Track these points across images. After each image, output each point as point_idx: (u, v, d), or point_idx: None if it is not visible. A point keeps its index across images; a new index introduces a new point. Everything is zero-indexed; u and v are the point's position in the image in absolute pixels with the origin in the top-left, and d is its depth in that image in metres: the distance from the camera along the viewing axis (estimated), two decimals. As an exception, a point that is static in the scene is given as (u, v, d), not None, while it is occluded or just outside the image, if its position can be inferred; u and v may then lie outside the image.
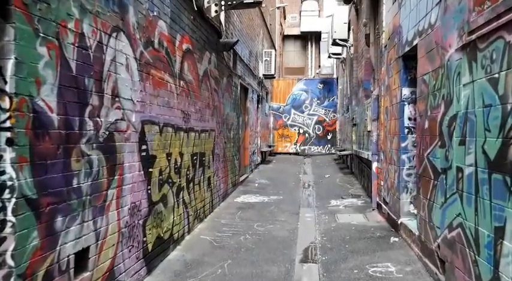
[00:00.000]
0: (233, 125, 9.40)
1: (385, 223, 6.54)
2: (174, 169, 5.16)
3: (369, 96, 9.55)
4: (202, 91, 6.54)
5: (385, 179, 6.86)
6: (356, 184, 10.59)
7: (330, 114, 20.06)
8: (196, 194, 6.20)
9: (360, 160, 10.25)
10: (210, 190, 7.14)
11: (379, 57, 7.50)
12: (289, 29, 24.36)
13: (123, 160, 3.64)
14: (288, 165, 15.70)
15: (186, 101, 5.68)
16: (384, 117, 7.02)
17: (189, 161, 5.85)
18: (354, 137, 11.57)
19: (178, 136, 5.31)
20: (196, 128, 6.22)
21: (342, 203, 8.35)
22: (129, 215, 3.77)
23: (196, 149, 6.20)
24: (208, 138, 7.01)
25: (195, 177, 6.17)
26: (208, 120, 6.99)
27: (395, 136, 6.10)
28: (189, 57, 5.80)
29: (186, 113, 5.65)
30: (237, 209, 7.68)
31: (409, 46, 5.33)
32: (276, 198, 8.89)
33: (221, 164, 8.07)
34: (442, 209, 3.96)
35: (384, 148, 7.02)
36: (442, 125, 3.97)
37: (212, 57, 7.24)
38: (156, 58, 4.49)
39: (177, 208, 5.27)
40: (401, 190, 5.81)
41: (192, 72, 5.99)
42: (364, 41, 9.48)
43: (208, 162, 6.98)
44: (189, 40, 5.77)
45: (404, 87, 5.83)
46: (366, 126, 9.05)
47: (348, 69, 13.86)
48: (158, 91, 4.57)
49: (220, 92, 7.94)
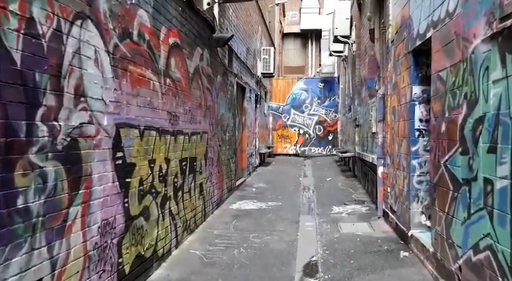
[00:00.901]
0: (229, 127, 8.85)
1: (393, 234, 5.99)
2: (159, 177, 4.61)
3: (373, 96, 9.00)
4: (192, 90, 6.00)
5: (392, 186, 6.31)
6: (359, 188, 10.03)
7: (331, 114, 19.48)
8: (186, 203, 5.65)
9: (364, 163, 9.70)
10: (203, 197, 6.60)
11: (385, 54, 6.96)
12: (289, 26, 23.79)
13: (91, 170, 3.10)
14: (287, 167, 15.14)
15: (174, 101, 5.13)
16: (390, 118, 6.47)
17: (178, 167, 5.30)
18: (356, 139, 11.02)
19: (163, 140, 4.76)
20: (186, 131, 5.68)
21: (345, 210, 7.80)
22: (99, 234, 3.22)
23: (185, 153, 5.65)
24: (200, 142, 6.47)
25: (185, 184, 5.62)
26: (200, 122, 6.44)
27: (404, 139, 5.55)
28: (176, 52, 5.25)
29: (173, 114, 5.10)
30: (232, 217, 7.13)
31: (420, 39, 4.78)
32: (274, 204, 8.34)
33: (215, 168, 7.52)
34: (464, 226, 3.40)
35: (390, 151, 6.47)
36: (464, 128, 3.42)
37: (204, 53, 6.69)
38: (135, 52, 3.94)
39: (163, 221, 4.72)
40: (411, 198, 5.27)
41: (181, 69, 5.45)
42: (368, 36, 8.93)
43: (200, 167, 6.43)
44: (176, 34, 5.22)
45: (414, 85, 5.28)
46: (370, 127, 8.50)
47: (349, 67, 13.30)
48: (138, 90, 4.02)
49: (214, 91, 7.39)
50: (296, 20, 23.77)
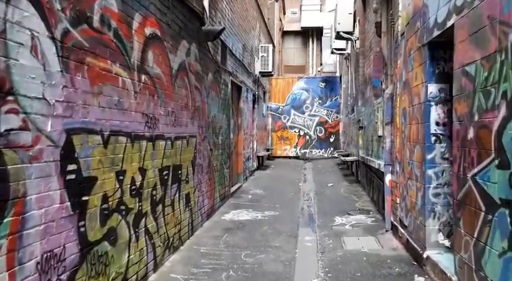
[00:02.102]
0: (222, 129, 8.15)
1: (404, 252, 5.28)
2: (131, 191, 3.90)
3: (379, 96, 8.30)
4: (177, 89, 5.29)
5: (403, 196, 5.60)
6: (363, 195, 9.31)
7: (332, 115, 18.74)
8: (167, 218, 4.94)
9: (368, 169, 8.98)
10: (190, 209, 5.89)
11: (394, 49, 6.25)
12: (289, 24, 23.04)
13: (24, 190, 2.39)
14: (287, 171, 14.42)
15: (152, 101, 4.43)
16: (400, 120, 5.76)
17: (157, 177, 4.60)
18: (360, 142, 10.31)
19: (137, 147, 4.06)
20: (168, 135, 4.97)
21: (349, 221, 7.09)
22: (38, 272, 2.51)
23: (168, 161, 4.95)
24: (187, 147, 5.76)
25: (166, 197, 4.92)
26: (187, 125, 5.74)
27: (418, 145, 4.84)
28: (155, 45, 4.55)
29: (151, 116, 4.40)
30: (224, 230, 6.41)
31: (439, 29, 4.08)
32: (271, 214, 7.63)
33: (205, 176, 6.81)
34: (504, 260, 2.69)
35: (400, 157, 5.76)
36: (502, 135, 2.72)
37: (192, 48, 5.99)
38: (96, 41, 3.23)
39: (136, 242, 4.01)
40: (426, 214, 4.56)
41: (161, 64, 4.74)
42: (374, 31, 8.23)
43: (186, 175, 5.72)
44: (155, 23, 4.52)
45: (430, 83, 4.58)
46: (376, 130, 7.79)
47: (352, 66, 12.59)
48: (101, 87, 3.32)
49: (204, 91, 6.68)
50: (296, 18, 23.02)
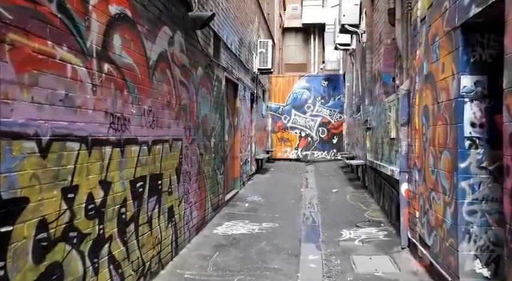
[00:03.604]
0: (215, 130, 7.29)
1: (427, 278, 4.44)
2: (87, 211, 3.05)
3: (390, 93, 7.44)
4: (156, 83, 4.44)
5: (424, 210, 4.75)
6: (372, 203, 8.44)
7: (335, 115, 17.84)
8: (143, 239, 4.08)
9: (378, 174, 8.12)
10: (173, 225, 5.03)
11: (411, 38, 5.39)
12: (290, 21, 22.15)
13: None
14: (287, 174, 13.55)
15: (120, 97, 3.58)
16: (420, 120, 4.90)
17: (127, 191, 3.74)
18: (368, 144, 9.44)
19: (97, 155, 3.20)
20: (144, 139, 4.12)
21: (358, 235, 6.23)
22: None
23: (143, 170, 4.10)
24: (170, 152, 4.91)
25: (141, 213, 4.06)
26: (169, 126, 4.89)
27: (446, 151, 3.99)
28: (125, 28, 3.70)
29: (118, 116, 3.55)
30: (214, 248, 5.55)
31: (479, 6, 3.23)
32: (269, 226, 6.78)
33: (194, 184, 5.95)
34: None
35: (420, 164, 4.90)
36: None
37: (177, 36, 5.13)
38: (27, 14, 2.38)
39: (95, 276, 3.15)
40: (459, 235, 3.70)
41: (134, 53, 3.89)
42: (385, 21, 7.38)
43: (168, 186, 4.86)
44: (124, 1, 3.67)
45: (463, 74, 3.72)
46: (388, 131, 6.93)
47: (358, 62, 11.73)
48: (35, 76, 2.46)
49: (192, 87, 5.83)
50: (297, 14, 22.13)
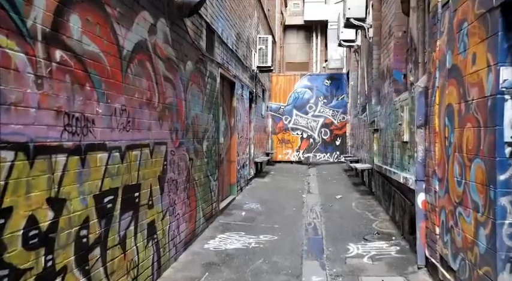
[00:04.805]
0: (208, 132, 6.60)
1: (453, 309, 3.73)
2: (26, 240, 2.36)
3: (401, 91, 6.75)
4: (132, 78, 3.75)
5: (446, 226, 4.05)
6: (380, 212, 7.73)
7: (338, 115, 17.12)
8: (112, 265, 3.39)
9: (387, 180, 7.41)
10: (155, 243, 4.34)
11: (429, 27, 4.70)
12: (291, 18, 21.40)
13: None
14: (288, 178, 12.84)
15: (79, 93, 2.89)
16: (442, 122, 4.21)
17: (91, 208, 3.05)
18: (375, 147, 8.73)
19: (44, 165, 2.52)
20: (114, 144, 3.43)
21: (366, 250, 5.54)
22: None
23: (114, 181, 3.41)
24: (151, 158, 4.22)
25: (110, 234, 3.37)
26: (150, 128, 4.20)
27: (480, 159, 3.29)
28: (88, 8, 3.01)
29: (77, 116, 2.86)
30: (204, 268, 4.85)
31: (529, -23, 2.53)
32: (267, 239, 6.08)
33: (182, 194, 5.26)
34: None
35: (442, 173, 4.21)
36: None
37: (160, 24, 4.45)
38: None
39: (39, 322, 2.47)
40: (499, 264, 2.99)
41: (101, 40, 3.20)
42: (395, 12, 6.70)
43: (148, 198, 4.18)
44: (86, -25, 2.99)
45: (504, 66, 3.02)
46: (399, 134, 6.23)
47: (364, 59, 11.03)
48: None
49: (179, 83, 5.14)
50: (299, 11, 21.39)
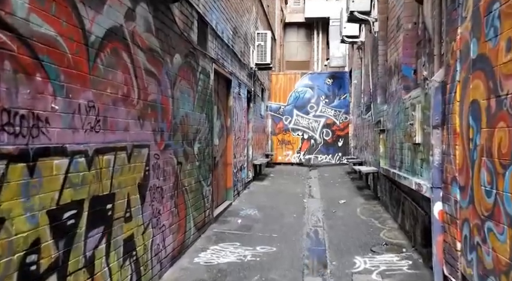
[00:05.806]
0: (200, 133, 6.03)
1: None
2: None
3: (411, 88, 6.18)
4: (102, 70, 3.19)
5: (470, 242, 3.47)
6: (387, 219, 7.15)
7: (341, 115, 16.54)
8: (75, 292, 2.83)
9: (395, 185, 6.84)
10: (133, 261, 3.77)
11: (448, 13, 4.13)
12: (291, 15, 20.82)
13: None
14: (288, 181, 12.26)
15: (25, 84, 2.33)
16: (464, 121, 3.63)
17: (43, 228, 2.49)
18: (381, 149, 8.16)
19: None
20: (79, 147, 2.87)
21: (375, 264, 4.97)
22: None
23: (78, 193, 2.84)
24: (128, 163, 3.65)
25: (72, 257, 2.80)
26: (128, 128, 3.63)
27: (518, 166, 2.71)
28: (39, -19, 2.45)
29: (22, 113, 2.30)
30: (192, 286, 4.30)
31: None
32: (265, 251, 5.51)
33: (168, 202, 4.69)
34: None
35: (465, 180, 3.63)
36: None
37: (140, 10, 3.89)
38: None
39: None
40: (546, 296, 2.42)
41: (58, 21, 2.64)
42: (406, 1, 6.12)
43: (125, 209, 3.61)
44: None
45: (552, 51, 2.46)
46: (410, 135, 5.65)
47: (368, 55, 10.46)
48: None
49: (165, 78, 4.58)
50: (300, 8, 20.81)
